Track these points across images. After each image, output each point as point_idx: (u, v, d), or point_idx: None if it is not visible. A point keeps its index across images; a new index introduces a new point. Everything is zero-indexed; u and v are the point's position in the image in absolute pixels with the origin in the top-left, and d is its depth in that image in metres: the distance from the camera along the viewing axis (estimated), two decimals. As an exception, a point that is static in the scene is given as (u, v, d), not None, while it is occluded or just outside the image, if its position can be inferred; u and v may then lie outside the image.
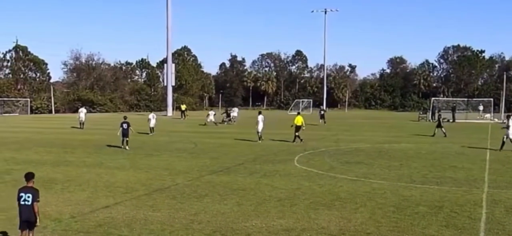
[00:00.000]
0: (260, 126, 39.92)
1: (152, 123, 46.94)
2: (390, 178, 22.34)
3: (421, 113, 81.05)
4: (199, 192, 19.05)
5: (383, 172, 23.90)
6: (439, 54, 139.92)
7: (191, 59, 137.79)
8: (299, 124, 38.86)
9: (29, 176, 11.24)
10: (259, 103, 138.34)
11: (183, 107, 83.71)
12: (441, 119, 47.95)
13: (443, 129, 45.31)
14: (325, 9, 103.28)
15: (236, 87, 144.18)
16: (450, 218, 15.19)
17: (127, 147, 32.86)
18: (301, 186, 20.29)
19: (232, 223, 14.50)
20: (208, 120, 57.69)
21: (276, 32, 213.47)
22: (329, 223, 14.58)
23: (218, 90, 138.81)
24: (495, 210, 16.27)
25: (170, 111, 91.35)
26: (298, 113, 44.08)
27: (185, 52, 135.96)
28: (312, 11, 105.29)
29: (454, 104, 78.58)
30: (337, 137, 42.45)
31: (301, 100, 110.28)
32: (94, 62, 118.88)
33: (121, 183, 20.24)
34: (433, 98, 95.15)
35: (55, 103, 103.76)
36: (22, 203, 10.81)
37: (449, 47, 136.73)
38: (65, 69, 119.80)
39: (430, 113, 77.23)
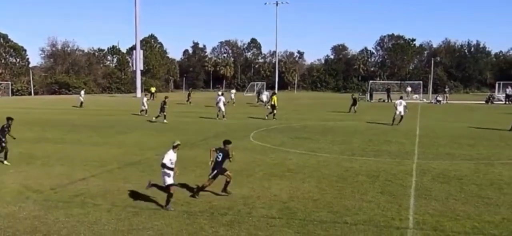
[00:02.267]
0: (222, 106, 40.43)
1: (146, 105, 44.83)
2: (334, 151, 22.64)
3: (360, 94, 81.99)
4: (166, 165, 19.04)
5: (327, 147, 24.18)
6: (376, 42, 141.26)
7: (158, 46, 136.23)
8: (274, 102, 40.47)
9: None
10: (219, 86, 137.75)
11: (153, 89, 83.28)
12: (357, 99, 49.27)
13: (355, 107, 47.55)
14: (277, 1, 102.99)
15: (198, 71, 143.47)
16: (385, 185, 15.54)
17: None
18: (256, 159, 20.43)
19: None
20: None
21: (234, 22, 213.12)
22: (281, 191, 14.78)
23: (182, 74, 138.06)
24: (423, 178, 16.69)
25: (139, 93, 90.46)
26: (274, 93, 44.57)
27: (152, 40, 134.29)
28: (265, 4, 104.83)
29: (389, 86, 79.68)
30: (288, 116, 42.66)
31: (255, 82, 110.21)
32: (69, 49, 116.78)
33: (96, 158, 20.05)
34: (370, 81, 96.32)
35: (34, 86, 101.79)
36: None
37: (384, 36, 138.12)
38: (43, 55, 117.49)
39: (368, 94, 78.31)
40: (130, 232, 10.99)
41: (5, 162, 19.21)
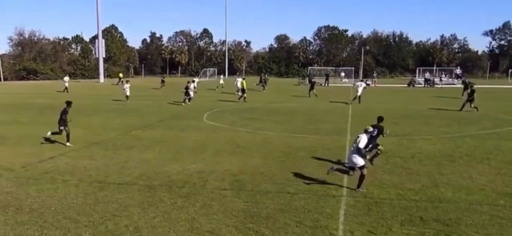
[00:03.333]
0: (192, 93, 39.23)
1: (128, 91, 41.22)
2: (278, 130, 22.85)
3: (300, 79, 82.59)
4: (128, 144, 18.83)
5: (273, 126, 24.37)
6: (314, 32, 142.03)
7: (118, 36, 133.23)
8: (243, 87, 40.64)
9: None
10: (175, 72, 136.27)
11: (121, 75, 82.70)
12: (314, 84, 49.07)
13: (314, 91, 46.46)
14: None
15: (155, 59, 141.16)
16: (323, 158, 15.84)
17: None
18: (209, 138, 20.43)
19: (155, 168, 14.52)
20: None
21: (188, 13, 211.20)
22: (232, 165, 14.85)
23: (141, 61, 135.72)
24: (356, 152, 17.07)
25: (102, 79, 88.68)
26: (243, 79, 44.35)
27: (113, 30, 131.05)
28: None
29: (328, 72, 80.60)
30: (237, 98, 42.67)
31: (208, 69, 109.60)
32: (36, 38, 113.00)
33: (64, 139, 19.64)
34: (309, 67, 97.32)
35: (3, 72, 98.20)
36: None
37: (321, 27, 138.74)
38: (11, 43, 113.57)
39: (307, 79, 79.01)
40: (96, 204, 10.87)
41: (67, 144, 18.64)
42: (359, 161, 12.11)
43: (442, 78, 77.30)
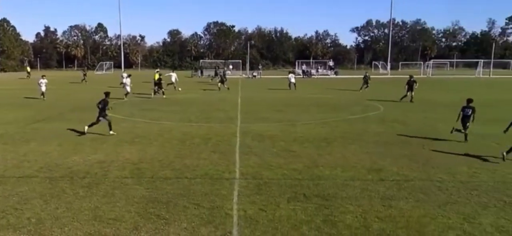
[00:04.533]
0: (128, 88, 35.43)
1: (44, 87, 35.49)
2: (175, 119, 22.61)
3: (193, 71, 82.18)
4: (26, 138, 17.64)
5: (169, 116, 24.05)
6: (204, 27, 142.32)
7: (10, 29, 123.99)
8: (156, 79, 37.19)
9: None
10: (71, 65, 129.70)
11: (28, 69, 77.99)
12: (223, 76, 48.66)
13: (225, 84, 45.16)
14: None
15: (51, 52, 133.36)
16: (216, 146, 15.90)
17: None
18: (107, 129, 19.71)
19: (56, 160, 13.74)
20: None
21: (82, 8, 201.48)
22: (131, 155, 14.48)
23: (36, 55, 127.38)
24: (245, 138, 17.32)
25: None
26: (157, 72, 42.34)
27: (5, 23, 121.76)
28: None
29: (216, 65, 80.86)
30: (138, 91, 41.45)
31: (104, 62, 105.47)
32: None
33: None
34: (201, 60, 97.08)
35: None
36: None
37: (211, 23, 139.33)
38: None
39: (200, 71, 78.76)
40: (-3, 199, 10.13)
41: (111, 132, 18.14)
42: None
43: (318, 70, 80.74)
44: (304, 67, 79.69)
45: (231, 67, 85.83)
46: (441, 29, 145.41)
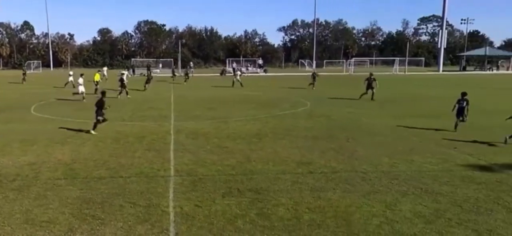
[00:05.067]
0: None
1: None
2: (108, 118, 21.92)
3: (123, 71, 79.85)
4: (-50, 141, 16.47)
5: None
6: (134, 26, 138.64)
7: None
8: (96, 79, 35.86)
9: None
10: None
11: None
12: (149, 75, 47.52)
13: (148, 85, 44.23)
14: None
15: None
16: (151, 144, 15.61)
17: None
18: (38, 129, 18.79)
19: (-17, 163, 12.95)
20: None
21: (6, 5, 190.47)
22: (64, 155, 13.89)
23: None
24: (179, 136, 17.14)
25: None
26: (99, 71, 40.17)
27: None
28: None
29: (149, 63, 79.19)
30: (68, 91, 39.80)
31: (32, 61, 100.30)
32: None
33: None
34: (132, 59, 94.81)
35: None
36: None
37: (141, 21, 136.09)
38: None
39: (131, 70, 76.79)
40: None
41: (92, 131, 17.74)
42: None
43: (248, 68, 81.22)
44: (234, 65, 79.73)
45: (160, 65, 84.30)
46: (361, 29, 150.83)
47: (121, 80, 34.44)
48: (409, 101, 30.50)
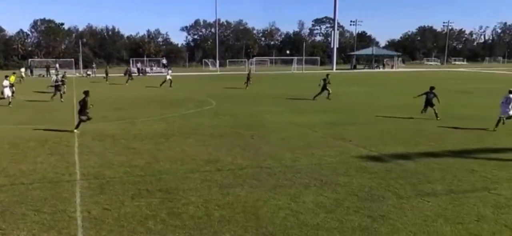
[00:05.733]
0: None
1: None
2: (6, 122, 20.36)
3: (25, 70, 74.47)
4: None
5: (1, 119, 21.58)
6: (30, 25, 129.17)
7: None
8: (12, 81, 31.25)
9: None
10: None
11: None
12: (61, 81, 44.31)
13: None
14: None
15: None
16: (54, 147, 14.71)
17: None
18: None
19: None
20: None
21: None
22: (-44, 163, 12.67)
23: None
24: (85, 138, 16.33)
25: None
26: (14, 73, 35.88)
27: None
28: None
29: (48, 64, 74.55)
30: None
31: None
32: None
33: None
34: (29, 59, 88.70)
35: None
36: None
37: (38, 20, 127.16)
38: None
39: (29, 70, 71.76)
40: None
41: (75, 130, 17.35)
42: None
43: (153, 68, 79.53)
44: (139, 65, 77.63)
45: (57, 66, 79.42)
46: (261, 29, 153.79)
47: (57, 81, 31.86)
48: (307, 98, 31.71)
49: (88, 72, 68.27)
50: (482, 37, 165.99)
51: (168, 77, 43.57)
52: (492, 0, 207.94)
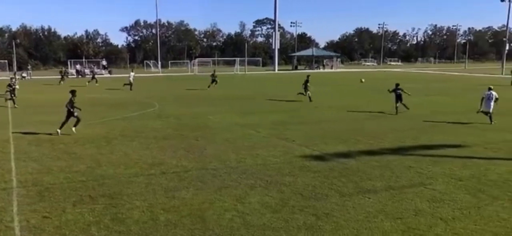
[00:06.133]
0: None
1: None
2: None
3: None
4: None
5: None
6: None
7: None
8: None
9: None
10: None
11: None
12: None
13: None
14: None
15: None
16: (-13, 154, 13.94)
17: None
18: None
19: None
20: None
21: None
22: None
23: None
24: (21, 143, 15.54)
25: None
26: None
27: None
28: None
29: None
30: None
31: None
32: None
33: None
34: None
35: None
36: None
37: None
38: None
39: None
40: None
41: (58, 130, 16.97)
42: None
43: (93, 69, 76.95)
44: (78, 66, 74.89)
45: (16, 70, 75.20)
46: (202, 30, 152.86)
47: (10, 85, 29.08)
48: (249, 98, 31.86)
49: (23, 75, 65.03)
50: (415, 38, 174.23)
51: (131, 79, 41.52)
52: (423, 2, 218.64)
